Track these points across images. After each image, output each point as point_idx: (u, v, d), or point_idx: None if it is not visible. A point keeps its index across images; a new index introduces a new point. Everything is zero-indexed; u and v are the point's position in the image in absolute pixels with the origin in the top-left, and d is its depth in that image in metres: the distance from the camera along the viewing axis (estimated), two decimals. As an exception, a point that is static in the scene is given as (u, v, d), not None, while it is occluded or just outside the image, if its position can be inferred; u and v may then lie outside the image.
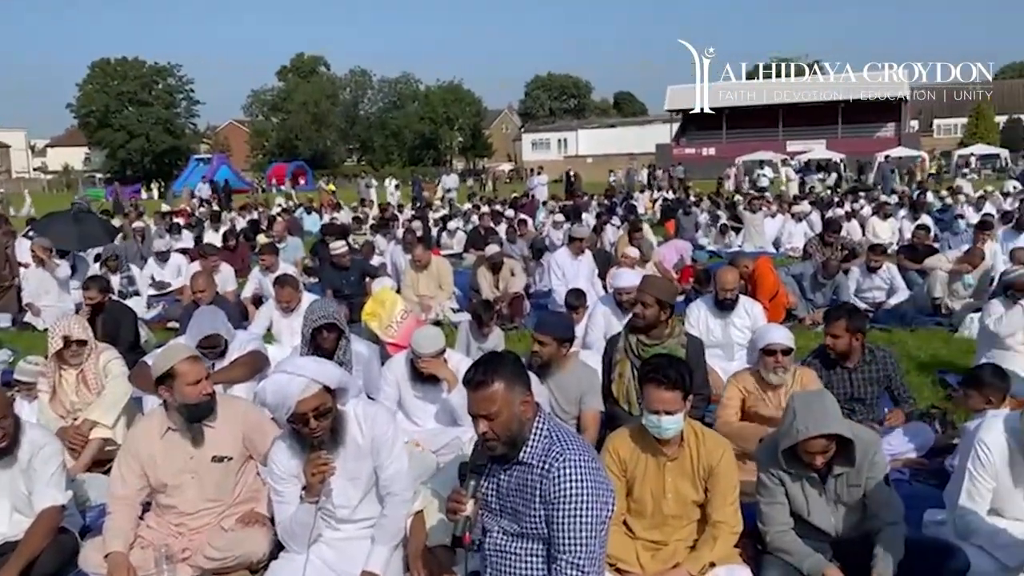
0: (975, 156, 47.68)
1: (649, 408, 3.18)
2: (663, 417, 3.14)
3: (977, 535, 3.36)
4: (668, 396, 3.12)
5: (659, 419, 3.14)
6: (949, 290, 8.73)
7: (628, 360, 4.77)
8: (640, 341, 4.75)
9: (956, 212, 15.79)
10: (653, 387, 3.14)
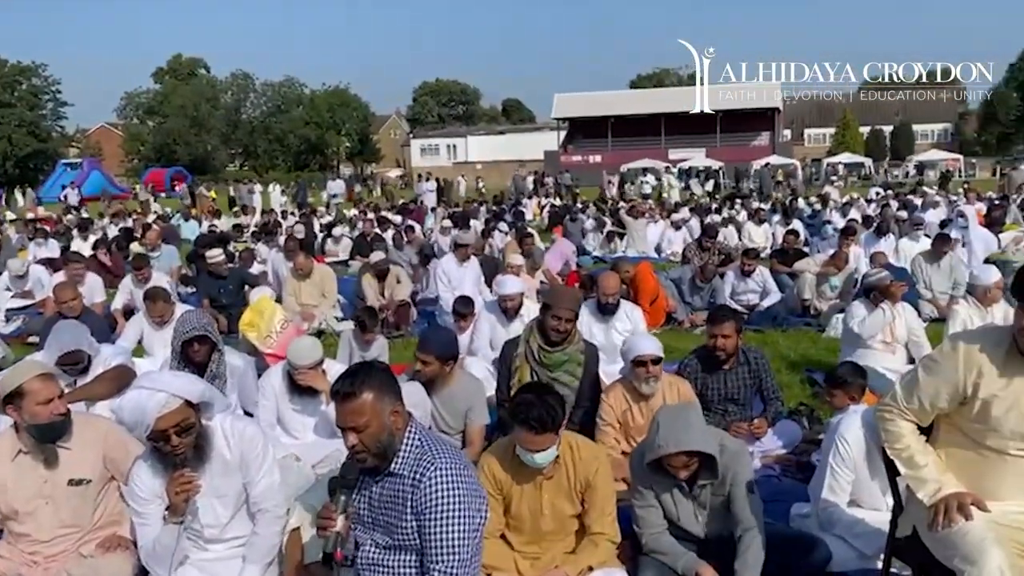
0: (842, 164, 50.42)
1: (520, 445, 3.16)
2: (536, 455, 3.13)
3: (838, 526, 3.52)
4: (538, 439, 3.10)
5: (532, 456, 3.14)
6: (817, 292, 9.16)
7: (528, 366, 4.78)
8: (541, 347, 4.76)
9: (824, 218, 16.64)
10: (524, 430, 3.11)
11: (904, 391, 2.74)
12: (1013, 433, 2.50)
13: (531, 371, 4.71)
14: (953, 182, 35.35)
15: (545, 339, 4.73)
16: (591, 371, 4.80)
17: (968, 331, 2.75)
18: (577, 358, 4.69)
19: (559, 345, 4.72)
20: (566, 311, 4.71)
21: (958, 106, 79.43)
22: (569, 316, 4.71)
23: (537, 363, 4.71)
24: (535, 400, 3.10)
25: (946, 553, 2.50)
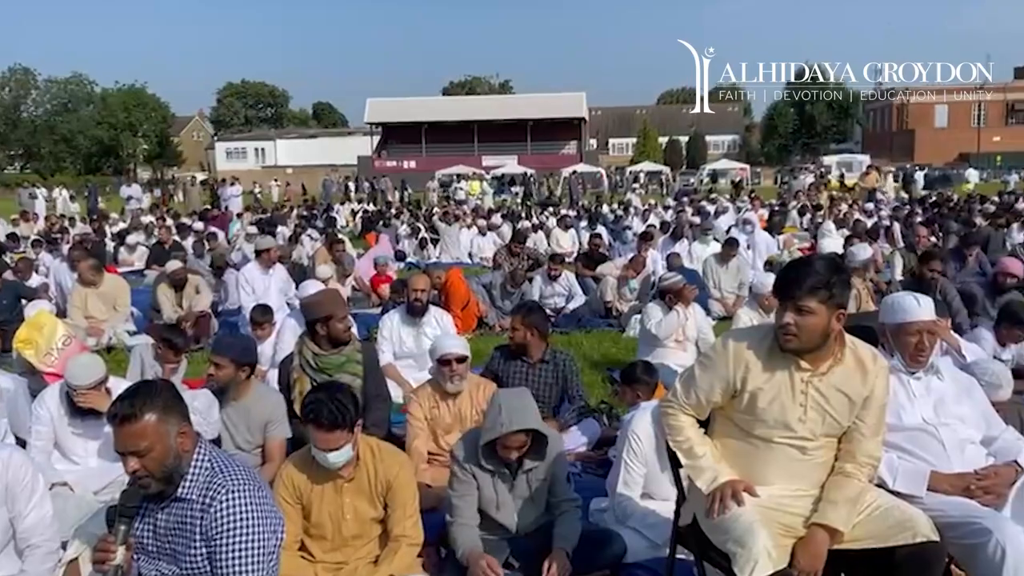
0: (643, 172, 53.18)
1: (315, 445, 3.11)
2: (330, 454, 3.08)
3: (632, 518, 3.70)
4: (331, 436, 3.05)
5: (325, 455, 3.09)
6: (618, 294, 9.61)
7: (306, 376, 4.70)
8: (316, 353, 4.71)
9: (624, 223, 17.48)
10: (314, 428, 3.07)
11: (683, 387, 2.91)
12: (776, 422, 2.72)
13: (310, 380, 4.64)
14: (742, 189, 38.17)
15: (320, 345, 4.71)
16: (373, 369, 4.83)
17: (737, 329, 2.98)
18: (355, 357, 4.75)
19: (336, 348, 4.69)
20: (343, 310, 4.81)
21: (744, 119, 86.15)
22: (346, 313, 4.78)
23: (315, 370, 4.67)
24: (325, 398, 3.07)
25: (721, 538, 2.67)
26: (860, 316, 5.07)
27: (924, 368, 3.16)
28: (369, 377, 4.78)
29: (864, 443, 2.75)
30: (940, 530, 2.77)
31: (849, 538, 2.65)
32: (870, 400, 2.73)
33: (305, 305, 4.91)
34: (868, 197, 24.06)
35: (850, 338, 2.80)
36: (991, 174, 43.68)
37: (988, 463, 3.05)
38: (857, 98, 78.28)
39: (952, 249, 11.26)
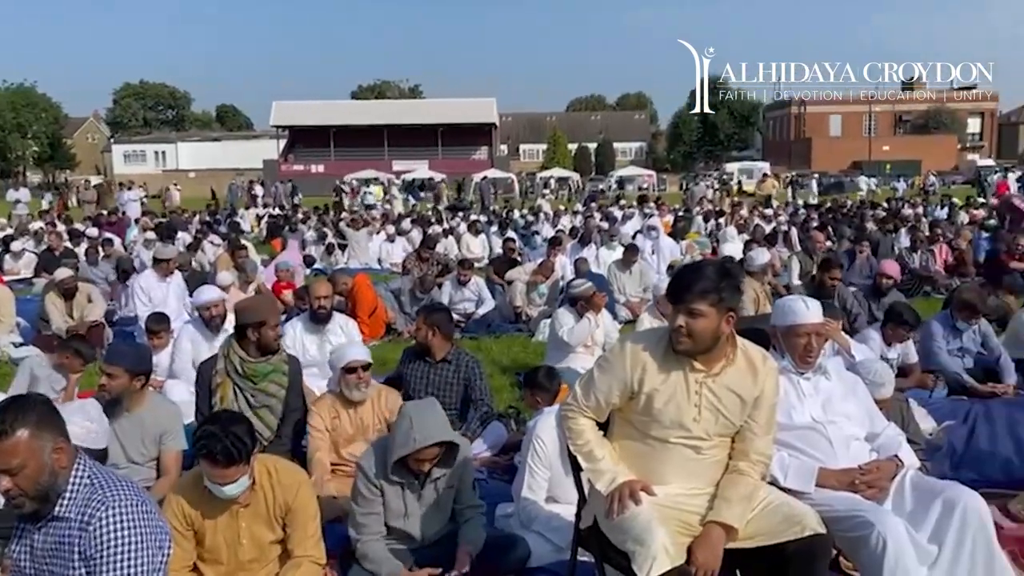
0: (554, 178, 53.78)
1: (209, 479, 2.99)
2: (224, 487, 2.97)
3: (537, 522, 3.72)
4: (227, 472, 2.94)
5: (221, 488, 2.98)
6: (527, 299, 9.67)
7: (230, 381, 4.54)
8: (243, 359, 4.55)
9: (534, 228, 17.61)
10: (208, 464, 2.94)
11: (582, 390, 2.94)
12: (672, 423, 2.78)
13: (234, 386, 4.49)
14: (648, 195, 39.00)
15: (248, 351, 4.54)
16: (296, 381, 4.70)
17: (634, 333, 3.03)
18: (282, 367, 4.60)
19: (264, 356, 4.56)
20: (276, 317, 4.65)
21: (650, 127, 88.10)
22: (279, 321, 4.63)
23: (241, 376, 4.51)
24: (219, 432, 2.92)
25: (620, 537, 2.71)
26: (754, 319, 5.23)
27: (812, 369, 3.28)
28: (291, 388, 4.66)
29: (756, 441, 2.83)
30: (827, 524, 2.88)
31: (743, 536, 2.73)
32: (761, 399, 2.82)
33: (239, 309, 4.75)
34: (766, 203, 24.95)
35: (741, 340, 2.89)
36: (882, 181, 45.80)
37: (871, 458, 3.19)
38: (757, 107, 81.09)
39: (846, 251, 11.81)
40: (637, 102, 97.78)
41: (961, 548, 2.82)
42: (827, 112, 75.99)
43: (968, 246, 12.80)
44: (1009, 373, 6.17)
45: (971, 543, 2.82)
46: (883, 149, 63.60)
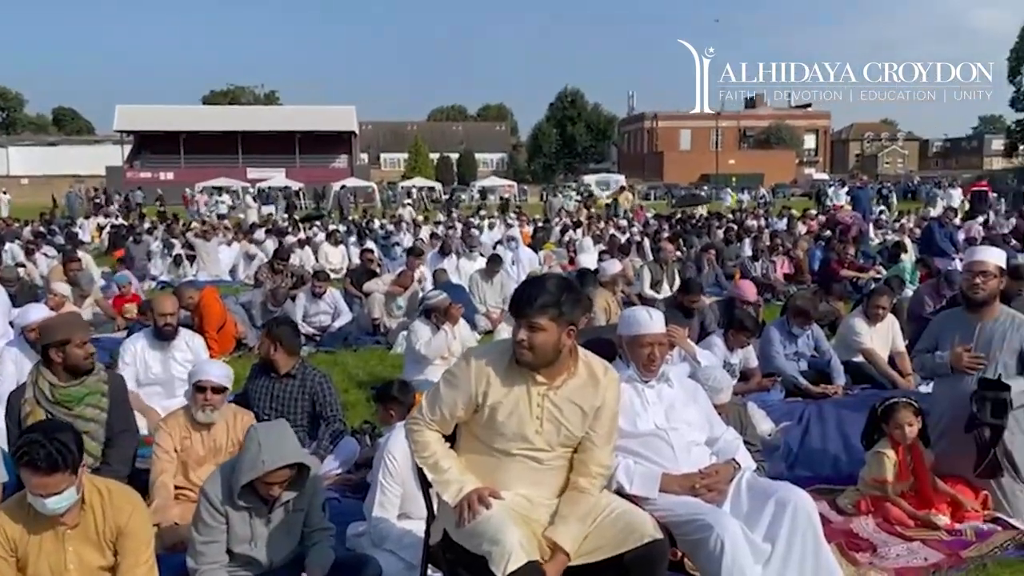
0: (415, 188, 53.55)
1: (31, 491, 2.77)
2: (48, 499, 2.76)
3: (388, 540, 3.65)
4: (50, 480, 2.73)
5: (43, 501, 2.76)
6: (386, 310, 9.54)
7: (41, 409, 4.19)
8: (54, 384, 4.21)
9: (394, 239, 17.47)
10: (30, 472, 2.73)
11: (428, 404, 2.92)
12: (514, 435, 2.80)
13: (46, 415, 4.15)
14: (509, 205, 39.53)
15: (57, 374, 4.22)
16: (120, 401, 4.38)
17: (479, 346, 3.04)
18: (100, 388, 4.26)
19: (77, 378, 4.24)
20: (83, 333, 4.32)
21: (511, 138, 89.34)
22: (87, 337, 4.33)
23: (52, 403, 4.17)
24: (42, 438, 2.73)
25: (476, 542, 2.70)
26: (602, 328, 5.36)
27: (656, 377, 3.38)
28: (115, 410, 4.33)
29: (596, 452, 2.88)
30: (669, 528, 2.98)
31: (587, 549, 2.77)
32: (601, 410, 2.87)
33: (41, 328, 4.38)
34: (617, 213, 25.81)
35: (583, 351, 2.95)
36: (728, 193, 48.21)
37: (711, 462, 3.32)
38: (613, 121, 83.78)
39: (694, 260, 12.38)
40: (498, 113, 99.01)
41: (792, 544, 2.97)
42: (678, 127, 79.55)
43: (804, 256, 13.66)
44: (839, 374, 6.61)
45: (801, 539, 2.98)
46: (729, 163, 67.03)
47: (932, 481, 4.15)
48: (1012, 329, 4.17)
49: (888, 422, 4.22)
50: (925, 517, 3.98)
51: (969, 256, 4.44)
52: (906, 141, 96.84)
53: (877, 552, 3.74)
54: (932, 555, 3.69)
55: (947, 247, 13.65)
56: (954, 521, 4.00)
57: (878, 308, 6.99)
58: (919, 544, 3.79)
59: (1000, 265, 4.23)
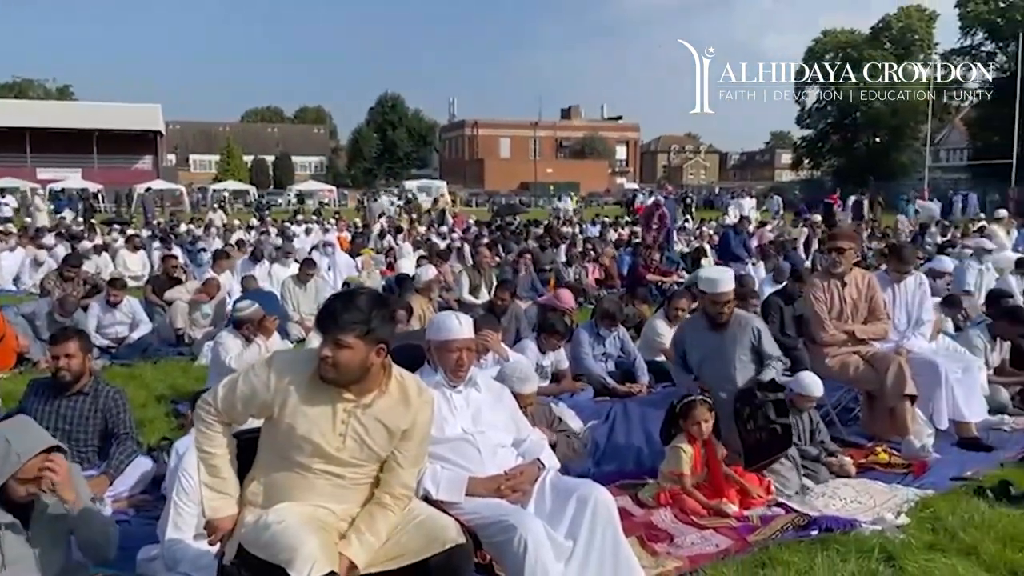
0: (228, 191, 51.30)
1: None
2: None
3: (183, 563, 3.43)
4: None
5: None
6: (190, 319, 9.03)
7: None
8: None
9: (201, 245, 16.61)
10: None
11: (224, 392, 2.78)
12: (314, 451, 2.70)
13: None
14: (326, 210, 38.68)
15: None
16: None
17: (286, 351, 2.91)
18: None
19: None
20: None
21: (330, 142, 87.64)
22: None
23: None
24: None
25: (273, 552, 2.57)
26: (411, 335, 5.33)
27: (464, 382, 3.38)
28: None
29: (401, 473, 2.82)
30: (475, 531, 2.99)
31: (390, 556, 2.74)
32: (411, 432, 2.81)
33: None
34: (442, 220, 25.91)
35: (399, 370, 2.87)
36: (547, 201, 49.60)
37: (518, 463, 3.36)
38: (434, 127, 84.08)
39: (511, 265, 12.60)
40: (316, 116, 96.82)
41: (592, 540, 3.06)
42: (498, 135, 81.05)
43: (612, 261, 14.26)
44: (643, 373, 6.93)
45: (601, 535, 3.07)
46: (547, 171, 69.11)
47: (723, 472, 4.42)
48: (741, 330, 4.96)
49: (685, 418, 4.46)
50: (716, 506, 4.23)
51: (712, 287, 4.95)
52: (708, 154, 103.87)
53: (674, 541, 3.92)
54: (723, 541, 3.92)
55: (741, 252, 14.74)
56: (742, 508, 4.28)
57: (677, 310, 7.43)
58: (711, 532, 4.02)
59: (734, 286, 5.04)
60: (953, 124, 61.79)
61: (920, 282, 6.19)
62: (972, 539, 3.82)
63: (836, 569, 3.57)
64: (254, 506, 2.76)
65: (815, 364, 5.66)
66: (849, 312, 5.66)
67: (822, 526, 4.03)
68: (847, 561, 3.65)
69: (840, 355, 5.59)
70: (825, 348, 5.64)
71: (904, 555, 3.68)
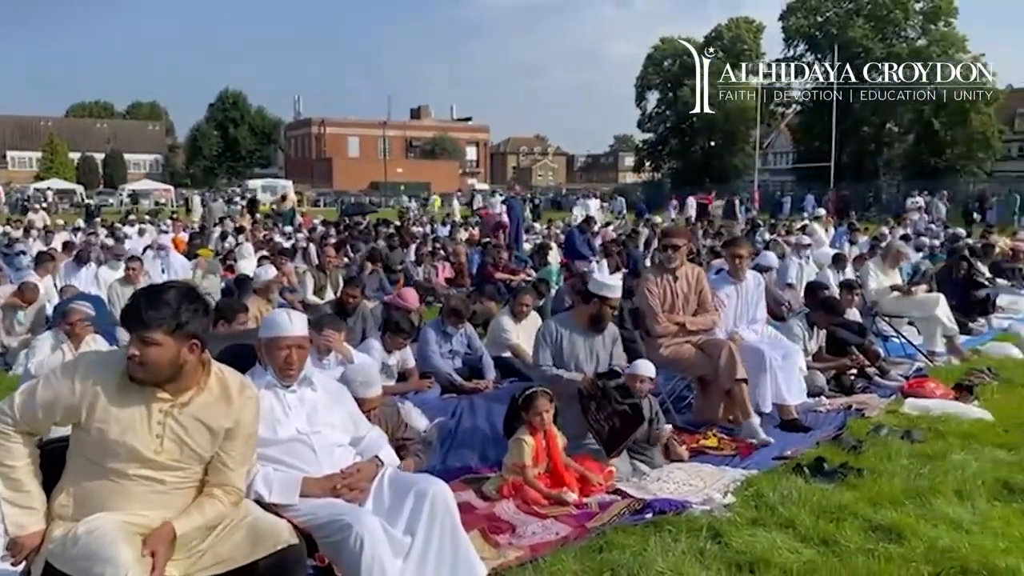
0: (52, 190, 47.75)
1: None
2: None
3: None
4: None
5: None
6: (5, 327, 8.36)
7: None
8: None
9: (19, 248, 15.38)
10: None
11: (22, 400, 2.57)
12: (130, 455, 2.55)
13: None
14: (164, 211, 36.76)
15: None
16: None
17: (92, 352, 2.74)
18: None
19: None
20: None
21: (167, 139, 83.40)
22: None
23: None
24: None
25: (85, 566, 2.42)
26: (244, 335, 5.14)
27: (296, 381, 3.28)
28: None
29: (229, 474, 2.73)
30: (312, 533, 2.91)
31: (219, 558, 2.62)
32: (235, 430, 2.72)
33: None
34: (291, 219, 25.17)
35: (219, 366, 2.77)
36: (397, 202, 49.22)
37: (355, 462, 3.30)
38: (278, 125, 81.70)
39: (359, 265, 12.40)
40: (151, 112, 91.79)
41: (431, 535, 3.04)
42: (346, 134, 79.74)
43: (464, 260, 14.32)
44: (489, 370, 7.00)
45: (439, 529, 3.06)
46: (397, 171, 68.60)
47: (564, 461, 4.52)
48: (610, 334, 5.36)
49: (527, 410, 4.54)
50: (557, 495, 4.32)
51: (610, 292, 5.22)
52: (555, 156, 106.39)
53: (516, 532, 3.97)
54: (563, 529, 4.00)
55: (586, 251, 15.15)
56: (582, 496, 4.39)
57: (522, 306, 7.55)
58: (552, 520, 4.10)
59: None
60: (779, 130, 66.14)
61: (759, 282, 6.58)
62: (790, 513, 4.09)
63: (668, 549, 3.72)
64: (63, 519, 2.57)
65: (651, 355, 5.88)
66: (680, 305, 5.94)
67: (656, 509, 4.19)
68: (678, 541, 3.81)
69: (673, 345, 5.85)
70: (659, 339, 5.88)
71: (730, 532, 3.89)
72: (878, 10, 50.84)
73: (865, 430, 5.61)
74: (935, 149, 48.97)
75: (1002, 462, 4.89)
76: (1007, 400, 6.37)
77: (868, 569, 3.50)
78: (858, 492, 4.39)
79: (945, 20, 50.89)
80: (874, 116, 49.75)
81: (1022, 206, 30.31)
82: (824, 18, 53.85)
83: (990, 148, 49.44)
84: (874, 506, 4.19)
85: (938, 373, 7.24)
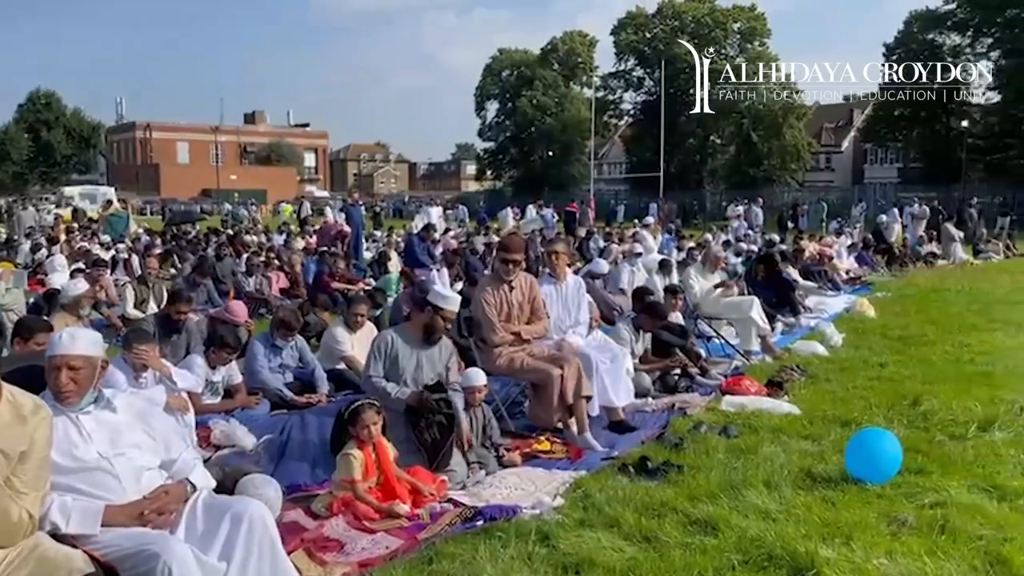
0: None
1: None
2: None
3: None
4: None
5: None
6: None
7: None
8: None
9: None
10: None
11: None
12: None
13: None
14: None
15: None
16: None
17: None
18: None
19: None
20: None
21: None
22: None
23: None
24: None
25: None
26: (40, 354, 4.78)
27: (89, 403, 3.04)
28: None
29: (23, 499, 2.56)
30: (115, 566, 2.72)
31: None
32: (29, 452, 2.57)
33: None
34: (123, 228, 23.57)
35: (10, 388, 2.62)
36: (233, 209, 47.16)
37: (163, 484, 3.10)
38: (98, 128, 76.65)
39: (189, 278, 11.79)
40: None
41: (248, 558, 2.90)
42: (174, 139, 75.98)
43: (299, 270, 13.93)
44: (323, 383, 6.81)
45: (258, 551, 2.92)
46: (231, 178, 65.93)
47: (395, 473, 4.46)
48: (444, 346, 5.41)
49: (354, 424, 4.45)
50: (388, 508, 4.25)
51: (449, 305, 5.32)
52: (397, 163, 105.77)
53: (344, 549, 3.87)
54: (393, 542, 3.93)
55: (425, 259, 15.12)
56: (415, 507, 4.35)
57: (357, 316, 7.41)
58: (382, 534, 4.02)
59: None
60: (613, 141, 68.78)
61: (579, 285, 6.77)
62: (615, 512, 4.21)
63: (497, 555, 3.74)
64: None
65: (486, 362, 5.94)
66: (516, 314, 6.02)
67: (487, 516, 4.20)
68: (507, 546, 3.84)
69: (508, 352, 5.92)
70: (496, 348, 5.94)
71: (558, 534, 3.96)
72: (700, 28, 54.03)
73: (686, 428, 5.88)
74: (753, 160, 52.58)
75: (806, 452, 5.25)
76: (813, 395, 6.86)
77: (685, 562, 3.65)
78: (678, 488, 4.59)
79: (760, 40, 54.78)
80: (699, 128, 52.81)
81: (829, 213, 33.12)
82: (652, 34, 56.57)
83: (800, 159, 53.66)
84: (692, 501, 4.38)
85: (753, 371, 7.71)
